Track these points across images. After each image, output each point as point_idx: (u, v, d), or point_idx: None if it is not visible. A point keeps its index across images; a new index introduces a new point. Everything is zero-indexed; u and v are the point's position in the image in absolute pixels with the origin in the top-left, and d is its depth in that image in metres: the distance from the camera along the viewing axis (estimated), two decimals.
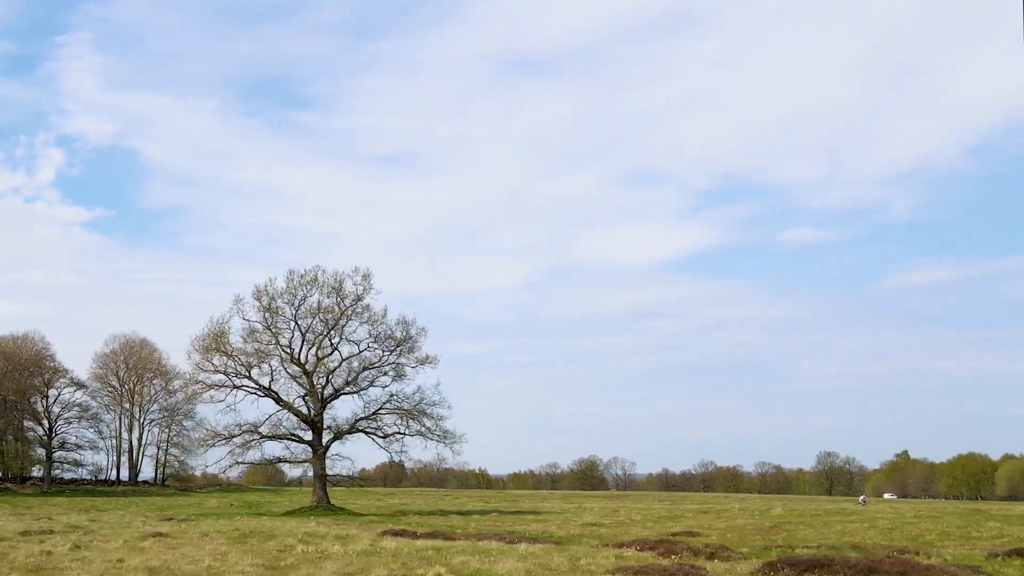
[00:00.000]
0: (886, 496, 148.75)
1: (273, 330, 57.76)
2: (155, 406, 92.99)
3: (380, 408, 57.45)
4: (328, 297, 57.57)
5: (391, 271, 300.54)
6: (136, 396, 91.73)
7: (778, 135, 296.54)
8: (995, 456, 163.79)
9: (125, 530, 32.57)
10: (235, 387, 57.08)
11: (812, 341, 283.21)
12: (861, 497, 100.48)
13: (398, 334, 57.48)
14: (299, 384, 57.79)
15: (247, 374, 57.46)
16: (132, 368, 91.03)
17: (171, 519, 44.24)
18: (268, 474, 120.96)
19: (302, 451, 58.79)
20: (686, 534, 31.30)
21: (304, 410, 57.44)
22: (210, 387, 56.95)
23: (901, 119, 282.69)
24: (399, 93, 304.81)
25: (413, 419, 56.76)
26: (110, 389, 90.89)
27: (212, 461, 58.62)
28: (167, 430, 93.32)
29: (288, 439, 57.47)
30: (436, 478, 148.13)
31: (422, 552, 22.06)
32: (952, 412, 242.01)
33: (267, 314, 57.23)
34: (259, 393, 57.22)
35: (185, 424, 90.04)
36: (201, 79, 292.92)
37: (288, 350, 57.63)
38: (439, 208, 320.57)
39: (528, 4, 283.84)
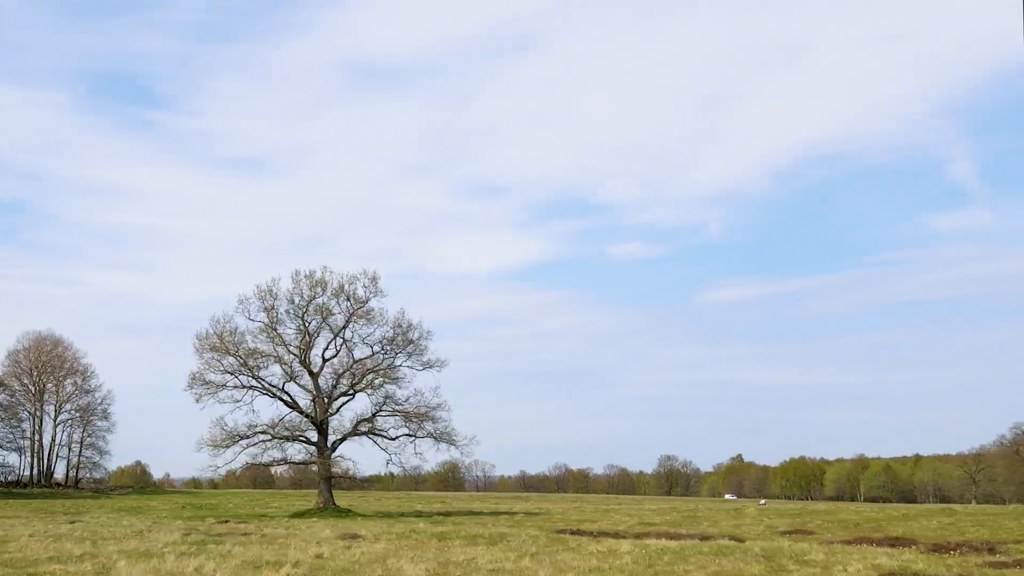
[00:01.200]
0: (727, 497, 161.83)
1: (279, 330, 57.29)
2: (68, 405, 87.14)
3: (380, 411, 57.52)
4: (334, 298, 57.48)
5: (240, 273, 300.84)
6: (49, 395, 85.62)
7: (608, 155, 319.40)
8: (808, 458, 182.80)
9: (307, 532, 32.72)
10: (247, 387, 56.40)
11: (640, 350, 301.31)
12: (762, 501, 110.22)
13: (402, 337, 57.58)
14: (301, 387, 57.37)
15: (252, 374, 56.66)
16: (44, 367, 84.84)
17: (226, 521, 43.98)
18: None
19: (298, 451, 58.81)
20: (802, 532, 35.40)
21: (310, 411, 57.00)
22: (218, 387, 55.88)
23: (716, 146, 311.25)
24: (252, 97, 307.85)
25: (413, 421, 57.23)
26: (21, 387, 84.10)
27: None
28: (81, 430, 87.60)
29: (296, 440, 57.00)
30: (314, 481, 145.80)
31: (740, 551, 23.34)
32: (761, 419, 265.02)
33: (271, 313, 56.81)
34: (268, 394, 56.69)
35: (99, 425, 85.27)
36: (48, 72, 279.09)
37: (294, 351, 57.20)
38: (289, 212, 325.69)
39: (378, 16, 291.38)
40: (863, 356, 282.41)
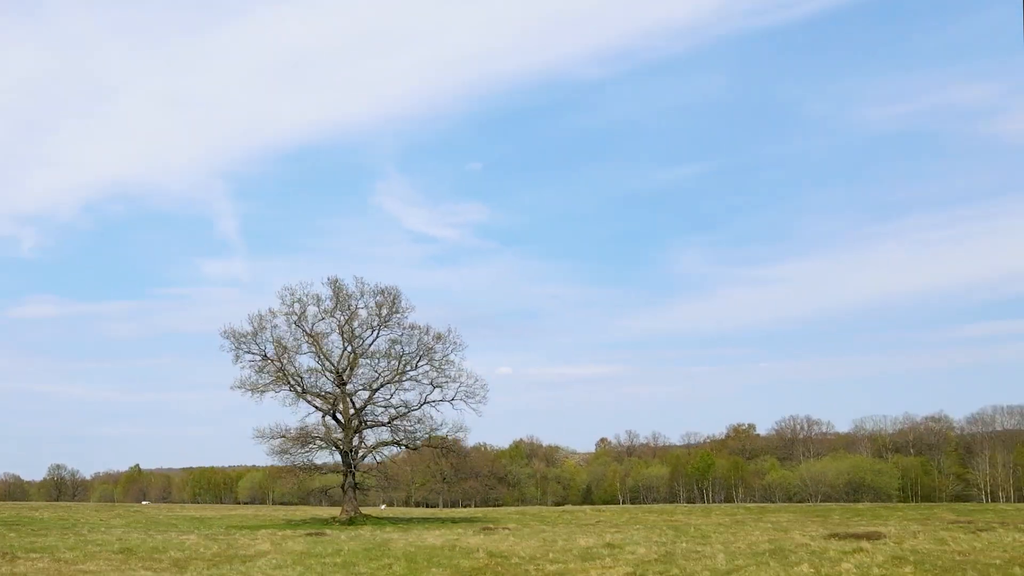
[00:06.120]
0: (144, 503, 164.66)
1: (311, 335, 58.03)
2: None
3: (402, 419, 59.06)
4: (367, 309, 59.15)
5: None
6: None
7: None
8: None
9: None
10: (300, 393, 57.04)
11: None
12: (382, 504, 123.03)
13: (427, 348, 58.81)
14: (330, 393, 58.38)
15: (287, 378, 57.05)
16: None
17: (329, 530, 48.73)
18: None
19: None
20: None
21: (340, 419, 58.18)
22: (262, 388, 56.28)
23: (36, 169, 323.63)
24: None
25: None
26: None
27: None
28: None
29: (329, 445, 57.83)
30: None
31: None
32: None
33: (301, 319, 57.57)
34: (301, 398, 57.43)
35: None
36: None
37: (326, 356, 58.28)
38: None
39: None
40: (149, 376, 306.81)
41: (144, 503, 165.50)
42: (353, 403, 58.43)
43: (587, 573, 22.03)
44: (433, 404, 58.16)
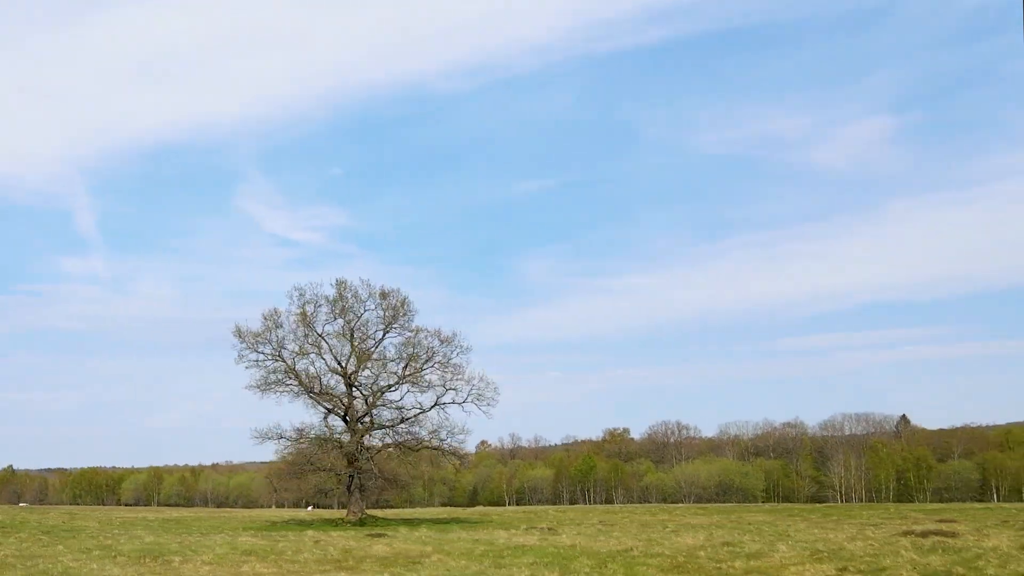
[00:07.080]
0: (23, 504, 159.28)
1: (319, 335, 58.64)
2: None
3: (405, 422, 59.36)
4: (374, 310, 59.77)
5: None
6: None
7: None
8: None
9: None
10: (310, 393, 57.51)
11: None
12: (309, 507, 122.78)
13: (434, 350, 58.74)
14: (337, 394, 58.73)
15: (296, 375, 57.71)
16: None
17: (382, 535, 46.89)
18: None
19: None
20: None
21: (347, 420, 58.82)
22: (271, 385, 56.89)
23: None
24: None
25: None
26: None
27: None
28: None
29: (350, 447, 57.83)
30: None
31: None
32: None
33: (310, 320, 57.83)
34: (311, 398, 58.01)
35: None
36: None
37: (333, 356, 59.00)
38: None
39: None
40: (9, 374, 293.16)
41: (22, 504, 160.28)
42: (367, 401, 59.45)
43: (787, 570, 23.02)
44: (443, 406, 58.68)
